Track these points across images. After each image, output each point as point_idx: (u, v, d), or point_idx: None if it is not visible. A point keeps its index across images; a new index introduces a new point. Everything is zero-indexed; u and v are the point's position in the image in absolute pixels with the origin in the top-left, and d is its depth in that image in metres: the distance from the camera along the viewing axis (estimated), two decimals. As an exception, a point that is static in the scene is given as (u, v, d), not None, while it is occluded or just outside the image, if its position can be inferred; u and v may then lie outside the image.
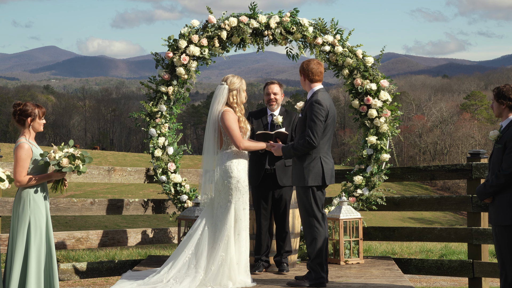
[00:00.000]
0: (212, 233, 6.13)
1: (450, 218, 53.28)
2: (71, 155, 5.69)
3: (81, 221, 34.00)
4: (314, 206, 6.05)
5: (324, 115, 6.01)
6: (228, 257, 6.04)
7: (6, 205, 7.23)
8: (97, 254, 10.50)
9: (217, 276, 6.01)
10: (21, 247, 5.54)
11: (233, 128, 6.09)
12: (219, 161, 6.19)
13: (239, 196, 6.13)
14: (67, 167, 5.65)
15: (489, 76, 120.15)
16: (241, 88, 6.24)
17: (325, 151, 6.11)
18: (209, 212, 6.23)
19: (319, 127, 5.97)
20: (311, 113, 5.99)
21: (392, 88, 7.92)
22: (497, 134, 5.37)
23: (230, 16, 7.86)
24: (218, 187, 6.16)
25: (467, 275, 7.63)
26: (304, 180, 6.04)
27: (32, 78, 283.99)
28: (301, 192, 6.10)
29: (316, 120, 5.96)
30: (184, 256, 6.13)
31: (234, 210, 6.11)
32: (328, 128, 6.09)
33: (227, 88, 6.21)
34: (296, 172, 6.12)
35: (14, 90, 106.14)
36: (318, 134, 5.96)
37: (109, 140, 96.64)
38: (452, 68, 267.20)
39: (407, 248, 11.16)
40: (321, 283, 6.07)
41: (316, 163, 6.04)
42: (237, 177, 6.12)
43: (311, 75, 6.16)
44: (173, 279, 6.01)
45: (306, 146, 5.97)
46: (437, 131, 78.74)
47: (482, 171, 7.52)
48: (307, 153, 6.05)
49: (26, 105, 5.72)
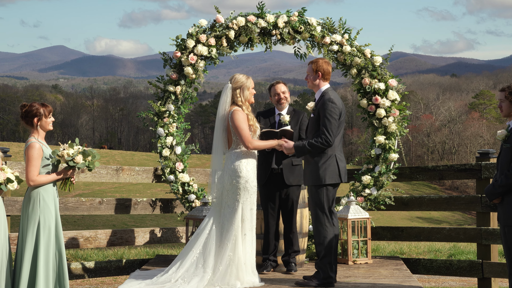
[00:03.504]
0: (219, 232, 6.13)
1: (458, 218, 53.09)
2: (83, 151, 5.73)
3: (89, 220, 34.12)
4: (326, 204, 6.05)
5: (338, 113, 6.06)
6: (236, 257, 6.04)
7: (15, 204, 7.26)
8: (105, 253, 10.53)
9: (225, 276, 6.01)
10: (30, 246, 5.56)
11: (242, 128, 6.08)
12: (227, 161, 6.19)
13: (247, 196, 6.12)
14: (81, 164, 5.68)
15: (498, 75, 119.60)
16: (245, 85, 6.21)
17: (339, 149, 6.16)
18: (217, 211, 6.22)
19: (334, 125, 6.01)
20: (325, 112, 6.02)
21: (400, 88, 7.90)
22: (505, 133, 5.33)
23: (238, 15, 7.86)
24: (226, 187, 6.15)
25: (476, 275, 7.60)
26: (320, 179, 6.04)
27: (40, 77, 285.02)
28: (314, 190, 6.09)
29: (331, 118, 6.00)
30: (192, 256, 6.12)
31: (242, 210, 6.11)
32: (341, 127, 6.14)
33: (230, 86, 6.21)
34: (311, 171, 6.11)
35: (23, 90, 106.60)
36: (334, 132, 6.01)
37: (117, 139, 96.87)
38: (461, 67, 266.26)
39: (415, 248, 11.13)
40: (329, 283, 6.05)
41: (332, 161, 6.07)
42: (245, 177, 6.11)
43: (321, 75, 6.18)
44: (181, 279, 6.01)
45: (322, 144, 5.99)
46: (446, 131, 78.46)
47: (491, 171, 7.49)
48: (322, 152, 6.06)
49: (31, 106, 5.73)
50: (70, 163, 5.68)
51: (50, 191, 5.68)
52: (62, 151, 5.71)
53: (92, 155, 5.78)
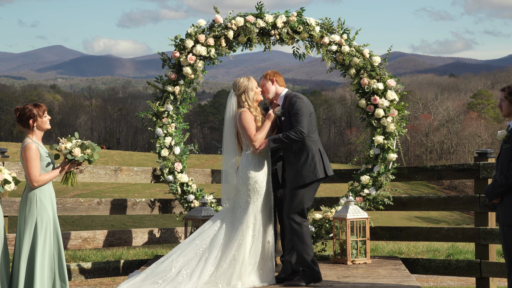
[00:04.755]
0: (229, 231, 6.18)
1: (456, 217, 53.17)
2: (82, 144, 5.72)
3: (87, 220, 34.08)
4: (310, 201, 6.24)
5: (307, 108, 6.22)
6: (240, 257, 6.07)
7: (13, 205, 7.25)
8: (103, 253, 10.52)
9: (227, 273, 6.03)
10: (26, 247, 5.55)
11: (249, 128, 6.16)
12: (240, 162, 6.27)
13: (257, 197, 6.17)
14: (80, 157, 5.68)
15: (496, 75, 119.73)
16: (248, 88, 6.26)
17: (320, 143, 6.35)
18: (230, 211, 6.28)
19: (306, 119, 6.16)
20: (293, 109, 6.19)
21: (399, 88, 7.90)
22: (505, 134, 5.33)
23: (236, 15, 7.86)
24: (238, 188, 6.23)
25: (474, 275, 7.60)
26: (301, 179, 6.12)
27: (38, 77, 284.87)
28: (301, 188, 6.18)
29: (300, 112, 6.15)
30: (195, 248, 6.14)
31: (252, 210, 6.15)
32: (315, 121, 6.34)
33: (234, 93, 6.32)
34: (296, 170, 6.18)
35: (21, 90, 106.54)
36: (306, 125, 6.14)
37: (115, 139, 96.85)
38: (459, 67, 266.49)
39: (413, 248, 11.14)
40: (317, 278, 6.15)
41: (317, 155, 6.21)
42: (254, 178, 6.16)
43: (276, 81, 6.45)
44: (185, 271, 6.00)
45: (297, 136, 6.09)
46: (444, 130, 78.56)
47: (490, 171, 7.49)
48: (303, 150, 6.16)
49: (24, 108, 5.71)
50: (69, 156, 5.68)
51: (46, 192, 5.66)
52: (60, 145, 5.72)
53: (91, 148, 5.78)
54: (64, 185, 5.91)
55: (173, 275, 5.99)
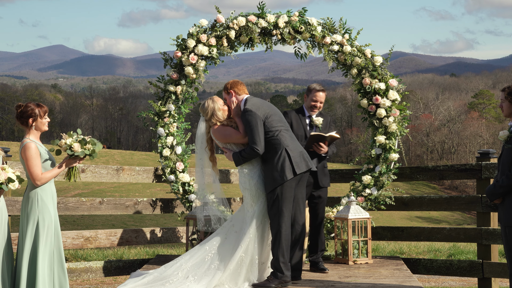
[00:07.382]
0: (237, 235, 6.24)
1: (457, 217, 53.11)
2: (82, 139, 5.73)
3: (88, 219, 34.10)
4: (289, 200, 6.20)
5: (256, 117, 6.11)
6: (247, 258, 6.11)
7: (15, 204, 7.26)
8: (105, 253, 10.52)
9: (234, 275, 6.07)
10: (28, 246, 5.55)
11: (229, 135, 6.26)
12: (240, 168, 6.28)
13: (261, 200, 6.21)
14: (80, 152, 5.68)
15: (497, 75, 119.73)
16: (215, 110, 6.31)
17: (286, 143, 6.16)
18: (240, 217, 6.33)
19: (257, 131, 6.08)
20: (245, 124, 6.18)
21: (401, 88, 7.90)
22: (507, 134, 5.32)
23: (238, 15, 7.86)
24: (243, 193, 6.29)
25: (476, 275, 7.60)
26: (273, 182, 6.08)
27: (40, 77, 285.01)
28: (278, 189, 6.13)
29: (250, 127, 6.10)
30: (205, 253, 6.20)
31: (257, 214, 6.18)
32: (277, 120, 6.20)
33: (203, 119, 6.42)
34: (270, 173, 6.15)
35: (22, 89, 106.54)
36: (258, 138, 6.07)
37: (116, 139, 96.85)
38: (460, 66, 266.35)
39: (415, 248, 11.13)
40: (285, 281, 6.09)
41: (284, 156, 6.09)
42: (255, 183, 6.20)
43: (240, 90, 6.38)
44: (192, 276, 6.05)
45: (252, 153, 6.09)
46: (445, 130, 78.51)
47: (492, 171, 7.49)
48: (274, 153, 6.10)
49: (26, 106, 5.71)
50: (68, 152, 5.69)
51: (48, 190, 5.67)
52: (61, 140, 5.73)
53: (92, 143, 5.79)
54: (67, 182, 5.94)
55: (180, 279, 6.06)
